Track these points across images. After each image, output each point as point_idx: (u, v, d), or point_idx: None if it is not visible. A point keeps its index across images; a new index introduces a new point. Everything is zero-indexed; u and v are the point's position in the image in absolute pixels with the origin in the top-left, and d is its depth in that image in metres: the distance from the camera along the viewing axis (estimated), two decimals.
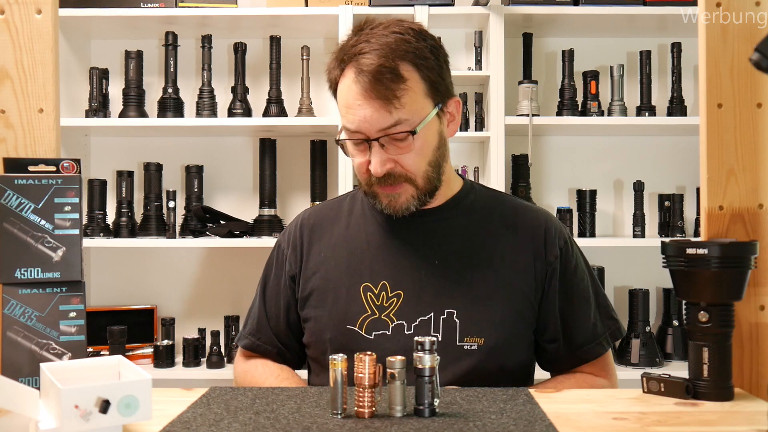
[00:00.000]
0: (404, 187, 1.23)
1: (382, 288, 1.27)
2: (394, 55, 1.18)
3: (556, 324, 1.29)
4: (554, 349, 1.30)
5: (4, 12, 1.17)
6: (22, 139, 1.18)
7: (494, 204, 1.35)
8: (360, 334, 1.25)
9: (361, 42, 1.20)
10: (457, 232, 1.30)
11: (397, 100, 1.17)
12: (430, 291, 1.25)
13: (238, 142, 2.71)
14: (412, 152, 1.21)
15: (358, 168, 1.26)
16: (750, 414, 0.99)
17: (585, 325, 1.30)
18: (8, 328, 1.07)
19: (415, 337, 0.96)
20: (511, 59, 2.57)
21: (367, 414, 0.94)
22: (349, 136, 1.23)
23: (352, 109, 1.19)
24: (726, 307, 1.06)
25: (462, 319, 1.24)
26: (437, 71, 1.24)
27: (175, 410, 0.98)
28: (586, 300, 1.31)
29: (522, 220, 1.33)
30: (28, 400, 0.83)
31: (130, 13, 2.43)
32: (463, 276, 1.27)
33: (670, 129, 2.54)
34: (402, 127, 1.19)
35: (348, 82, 1.20)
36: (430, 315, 1.24)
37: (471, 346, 1.23)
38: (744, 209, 1.17)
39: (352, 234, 1.33)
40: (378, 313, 1.25)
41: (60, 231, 1.10)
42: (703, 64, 1.18)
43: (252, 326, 1.39)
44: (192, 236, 2.49)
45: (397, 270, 1.27)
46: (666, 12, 2.40)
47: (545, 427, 0.90)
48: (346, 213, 1.37)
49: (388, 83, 1.16)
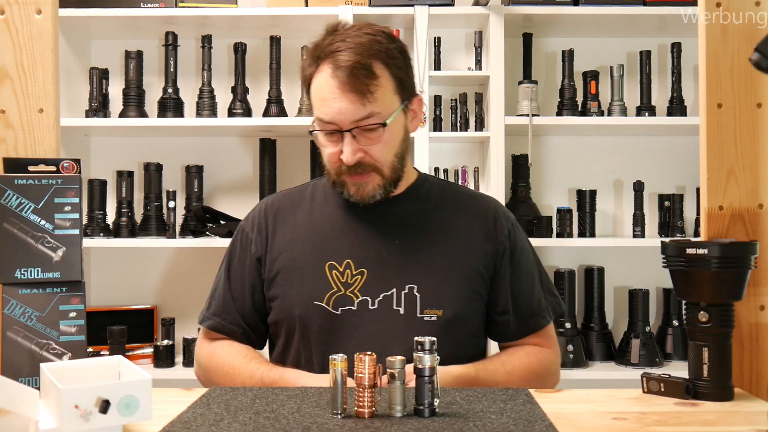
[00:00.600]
0: (372, 176, 1.33)
1: (347, 266, 1.35)
2: (368, 54, 1.28)
3: (507, 298, 1.40)
4: (504, 321, 1.40)
5: (4, 12, 1.17)
6: (22, 139, 1.18)
7: (447, 192, 1.47)
8: (327, 309, 1.33)
9: (336, 41, 1.30)
10: (415, 215, 1.41)
11: (371, 94, 1.28)
12: (392, 268, 1.35)
13: (238, 142, 2.71)
14: (381, 143, 1.31)
15: (329, 158, 1.35)
16: (750, 414, 0.99)
17: (531, 300, 1.42)
18: (8, 328, 1.07)
19: (415, 338, 0.96)
20: (511, 59, 2.57)
21: (367, 414, 0.94)
22: (322, 127, 1.32)
23: (327, 102, 1.29)
24: (726, 307, 1.06)
25: (422, 293, 1.34)
26: (404, 70, 1.35)
27: (175, 410, 0.98)
28: (532, 277, 1.43)
29: (473, 205, 1.45)
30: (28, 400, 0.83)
31: (130, 13, 2.43)
32: (422, 254, 1.37)
33: (670, 129, 2.54)
34: (374, 119, 1.29)
35: (325, 76, 1.29)
36: (393, 290, 1.34)
37: (431, 318, 1.33)
38: (744, 209, 1.17)
39: (316, 217, 1.42)
40: (343, 290, 1.34)
41: (60, 231, 1.10)
42: (703, 64, 1.18)
43: (217, 307, 1.43)
44: (192, 236, 2.49)
45: (361, 249, 1.36)
46: (666, 12, 2.40)
47: (545, 427, 0.90)
48: (308, 198, 1.46)
49: (363, 78, 1.27)
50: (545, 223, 2.45)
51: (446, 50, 2.59)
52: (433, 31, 2.50)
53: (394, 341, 1.30)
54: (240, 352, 1.38)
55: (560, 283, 2.45)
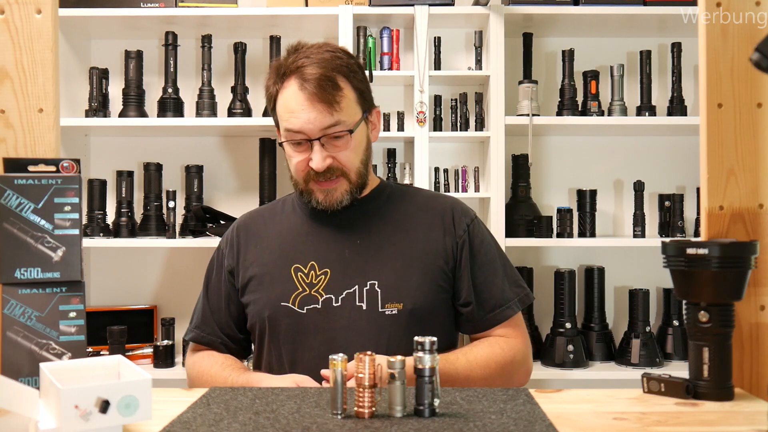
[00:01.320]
0: (340, 181, 1.42)
1: (311, 267, 1.43)
2: (332, 68, 1.39)
3: (469, 290, 1.45)
4: (468, 312, 1.46)
5: (4, 12, 1.17)
6: (22, 139, 1.18)
7: (407, 194, 1.56)
8: (293, 309, 1.41)
9: (300, 58, 1.40)
10: (376, 217, 1.49)
11: (337, 104, 1.38)
12: (354, 266, 1.43)
13: (238, 142, 2.71)
14: (348, 150, 1.41)
15: (297, 167, 1.43)
16: (750, 414, 0.99)
17: (494, 291, 1.47)
18: (8, 328, 1.07)
19: (415, 337, 0.97)
20: (511, 59, 2.57)
21: (367, 414, 0.94)
22: (290, 137, 1.41)
23: (295, 113, 1.38)
24: (726, 307, 1.06)
25: (383, 288, 1.41)
26: (364, 83, 1.46)
27: (175, 410, 0.98)
28: (494, 270, 1.49)
29: (432, 204, 1.52)
30: (28, 400, 0.83)
31: (130, 13, 2.43)
32: (383, 251, 1.44)
33: (670, 129, 2.54)
34: (341, 127, 1.39)
35: (292, 90, 1.39)
36: (355, 287, 1.41)
37: (392, 311, 1.40)
38: (744, 209, 1.17)
39: (284, 227, 1.51)
40: (308, 290, 1.42)
41: (60, 231, 1.10)
42: (703, 64, 1.18)
43: (197, 320, 1.54)
44: (192, 236, 2.49)
45: (324, 251, 1.45)
46: (666, 12, 2.39)
47: (545, 427, 0.90)
48: (278, 212, 1.56)
49: (329, 90, 1.37)
50: (545, 223, 2.45)
51: (446, 50, 2.59)
52: (433, 31, 2.50)
53: (358, 336, 1.38)
54: (217, 360, 1.46)
55: (560, 283, 2.45)
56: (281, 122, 1.43)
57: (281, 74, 1.42)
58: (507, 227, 2.42)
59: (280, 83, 1.42)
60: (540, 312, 2.60)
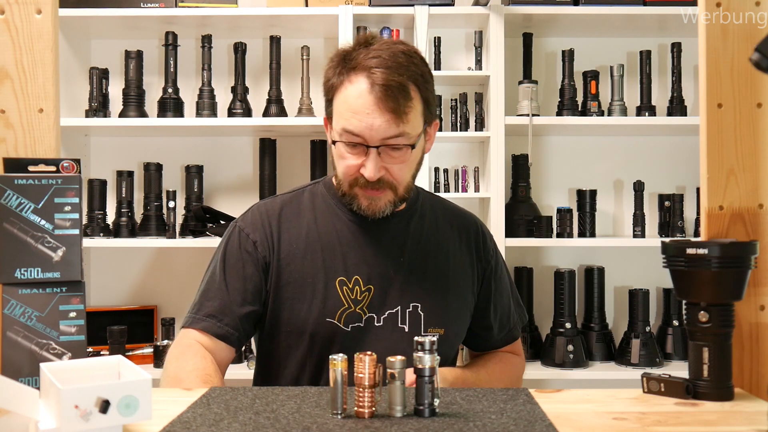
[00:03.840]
0: (386, 192, 1.33)
1: (356, 282, 1.36)
2: (407, 75, 1.28)
3: (489, 314, 1.46)
4: (487, 335, 1.48)
5: (4, 12, 1.17)
6: (22, 139, 1.18)
7: (435, 206, 1.50)
8: (339, 326, 1.34)
9: (372, 55, 1.28)
10: (416, 233, 1.43)
11: (405, 115, 1.27)
12: (397, 286, 1.37)
13: (238, 142, 2.71)
14: (403, 164, 1.32)
15: (346, 169, 1.32)
16: (750, 414, 0.99)
17: (508, 314, 1.50)
18: (8, 328, 1.07)
19: (415, 337, 0.96)
20: (511, 59, 2.57)
21: (367, 414, 0.94)
22: (347, 138, 1.30)
23: (359, 115, 1.27)
24: (726, 307, 1.06)
25: (426, 312, 1.37)
26: (432, 94, 1.36)
27: (175, 410, 0.98)
28: (509, 293, 1.52)
29: (459, 222, 1.49)
30: (28, 400, 0.83)
31: (130, 13, 2.43)
32: (424, 272, 1.40)
33: (670, 129, 2.54)
34: (403, 139, 1.29)
35: (359, 89, 1.27)
36: (397, 308, 1.36)
37: (434, 336, 1.32)
38: (744, 209, 1.17)
39: (322, 229, 1.40)
40: (353, 306, 1.35)
41: (60, 231, 1.10)
42: (703, 64, 1.18)
43: (212, 309, 1.34)
44: (192, 236, 2.49)
45: (368, 266, 1.37)
46: (666, 12, 2.40)
47: (545, 427, 0.90)
48: (308, 207, 1.43)
49: (400, 99, 1.26)
50: (545, 223, 2.45)
51: (446, 50, 2.59)
52: (433, 31, 2.50)
53: None
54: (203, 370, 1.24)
55: (560, 283, 2.45)
56: (339, 119, 1.30)
57: (349, 67, 1.29)
58: (507, 227, 2.42)
59: (345, 75, 1.29)
60: (540, 312, 2.60)
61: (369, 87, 1.26)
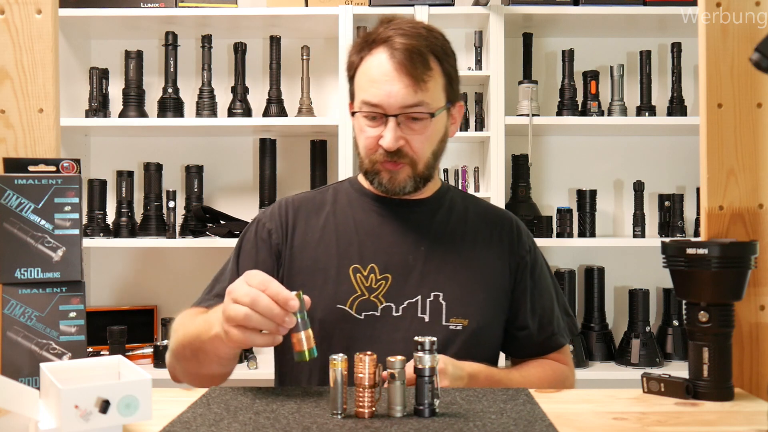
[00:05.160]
0: (405, 167, 1.30)
1: (371, 270, 1.32)
2: (426, 44, 1.28)
3: (526, 313, 1.38)
4: (524, 337, 1.39)
5: (4, 12, 1.17)
6: (22, 139, 1.18)
7: (467, 201, 1.45)
8: (350, 313, 1.30)
9: (392, 29, 1.29)
10: (440, 223, 1.38)
11: (424, 83, 1.26)
12: (417, 275, 1.32)
13: (238, 142, 2.71)
14: (423, 135, 1.29)
15: (366, 143, 1.31)
16: (750, 414, 0.99)
17: (550, 317, 1.41)
18: (8, 328, 1.07)
19: (415, 337, 0.96)
20: (511, 59, 2.57)
21: (367, 414, 0.94)
22: (368, 109, 1.28)
23: (377, 83, 1.26)
24: (726, 307, 1.06)
25: (448, 301, 1.31)
26: (454, 71, 1.35)
27: (175, 410, 0.98)
28: (551, 295, 1.43)
29: (494, 217, 1.44)
30: (28, 400, 0.83)
31: (130, 13, 2.43)
32: (447, 262, 1.34)
33: (670, 129, 2.54)
34: (422, 108, 1.27)
35: (379, 59, 1.27)
36: (417, 298, 1.31)
37: (456, 327, 1.30)
38: (744, 209, 1.17)
39: (340, 219, 1.38)
40: (367, 294, 1.31)
41: (60, 231, 1.10)
42: (703, 64, 1.18)
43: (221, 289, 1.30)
44: (192, 236, 2.49)
45: (385, 254, 1.33)
46: (666, 12, 2.40)
47: (545, 427, 0.90)
48: (330, 201, 1.42)
49: (419, 65, 1.25)
50: (545, 223, 2.45)
51: None
52: None
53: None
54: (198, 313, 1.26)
55: (560, 283, 2.44)
56: (358, 93, 1.31)
57: (369, 42, 1.29)
58: None
59: (366, 51, 1.30)
60: None
61: (389, 55, 1.26)
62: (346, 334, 1.29)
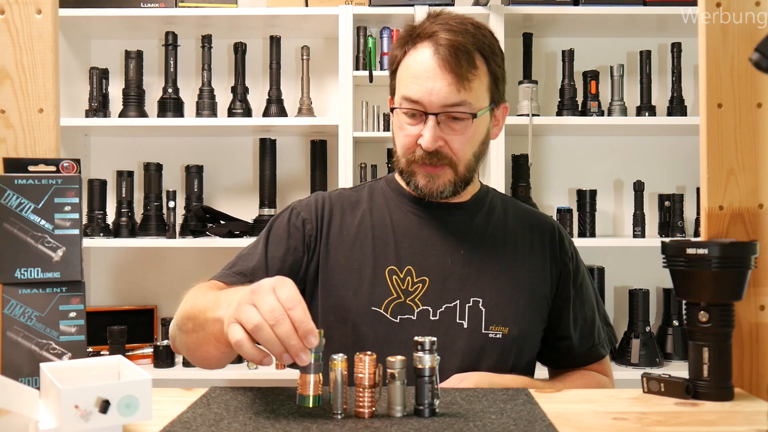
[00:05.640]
0: (445, 170, 1.26)
1: (408, 273, 1.28)
2: (473, 41, 1.23)
3: (567, 323, 1.34)
4: (565, 347, 1.35)
5: (4, 12, 1.17)
6: (22, 139, 1.18)
7: (508, 206, 1.40)
8: (385, 316, 1.26)
9: (438, 23, 1.24)
10: (480, 227, 1.34)
11: (468, 82, 1.21)
12: (456, 279, 1.28)
13: (238, 142, 2.71)
14: (463, 137, 1.24)
15: (404, 141, 1.26)
16: (750, 414, 0.99)
17: (592, 328, 1.37)
18: (8, 328, 1.07)
19: (415, 337, 0.96)
20: (511, 59, 2.57)
21: (367, 414, 0.94)
22: (408, 105, 1.24)
23: (420, 80, 1.22)
24: (726, 307, 1.06)
25: (488, 308, 1.27)
26: (501, 71, 1.29)
27: (175, 410, 0.98)
28: (592, 305, 1.39)
29: (534, 222, 1.38)
30: (28, 400, 0.83)
31: (130, 13, 2.43)
32: (488, 267, 1.30)
33: (670, 129, 2.55)
34: (464, 108, 1.22)
35: (424, 54, 1.23)
36: (456, 302, 1.27)
37: (496, 335, 1.26)
38: (744, 209, 1.17)
39: (377, 219, 1.34)
40: (403, 297, 1.27)
41: (60, 231, 1.10)
42: (703, 64, 1.18)
43: (244, 268, 1.29)
44: (192, 236, 2.49)
45: (423, 257, 1.29)
46: (666, 12, 2.40)
47: (545, 427, 0.90)
48: (366, 199, 1.37)
49: (463, 62, 1.20)
50: None
51: None
52: None
53: (454, 356, 1.24)
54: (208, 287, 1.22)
55: None
56: (399, 88, 1.26)
57: (413, 36, 1.25)
58: None
59: (410, 45, 1.25)
60: None
61: (433, 51, 1.21)
62: (379, 338, 1.25)
